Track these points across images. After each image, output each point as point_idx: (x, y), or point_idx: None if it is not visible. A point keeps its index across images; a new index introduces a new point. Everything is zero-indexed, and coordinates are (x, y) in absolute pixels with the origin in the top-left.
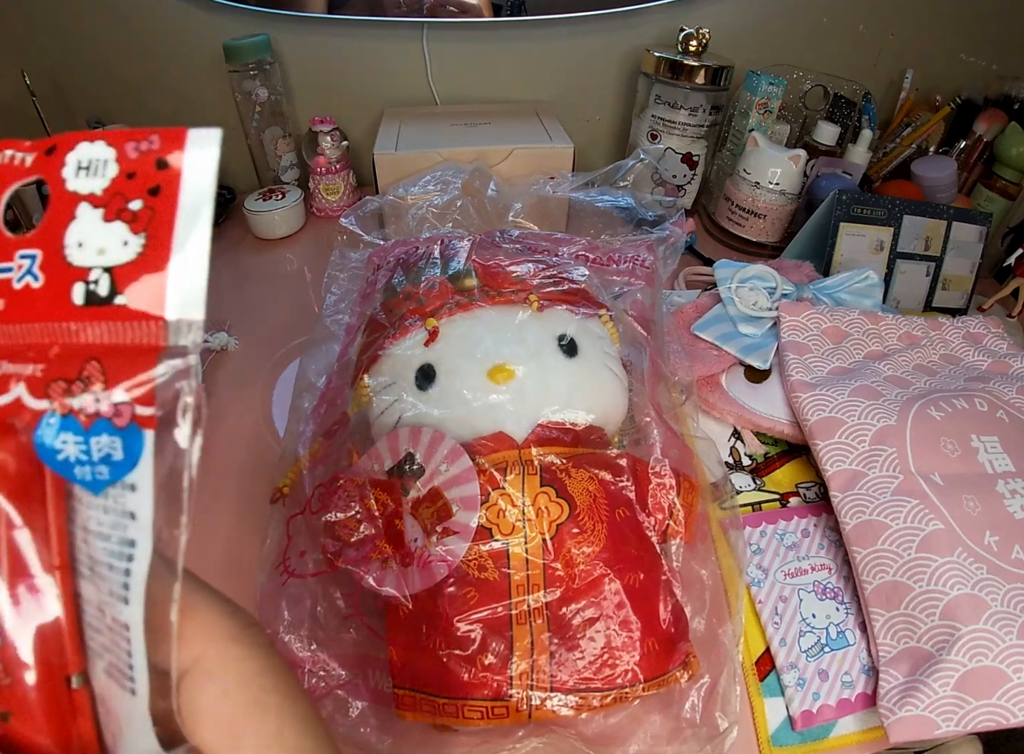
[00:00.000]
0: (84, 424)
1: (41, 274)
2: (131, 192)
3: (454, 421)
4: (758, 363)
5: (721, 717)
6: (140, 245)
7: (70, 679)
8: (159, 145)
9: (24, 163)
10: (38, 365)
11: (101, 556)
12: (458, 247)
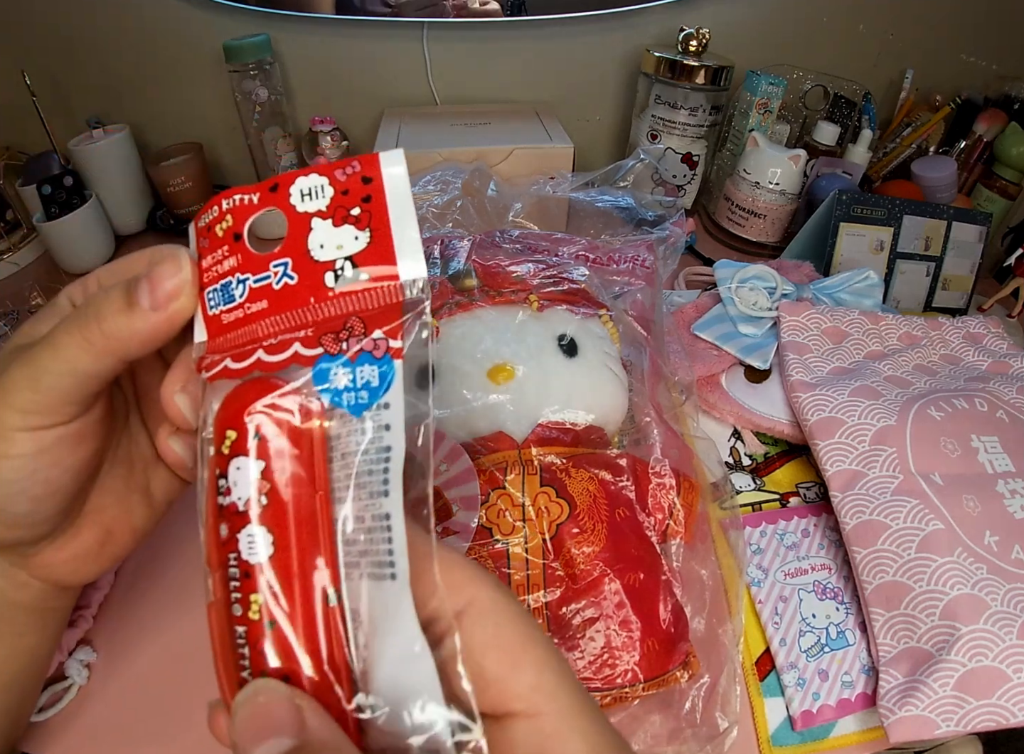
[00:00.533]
0: (351, 358)
1: (295, 274)
2: (349, 204)
3: (454, 421)
4: (758, 363)
5: (721, 717)
6: (367, 237)
7: (328, 595)
8: (361, 168)
9: (252, 201)
10: (308, 329)
11: (361, 467)
12: (458, 247)
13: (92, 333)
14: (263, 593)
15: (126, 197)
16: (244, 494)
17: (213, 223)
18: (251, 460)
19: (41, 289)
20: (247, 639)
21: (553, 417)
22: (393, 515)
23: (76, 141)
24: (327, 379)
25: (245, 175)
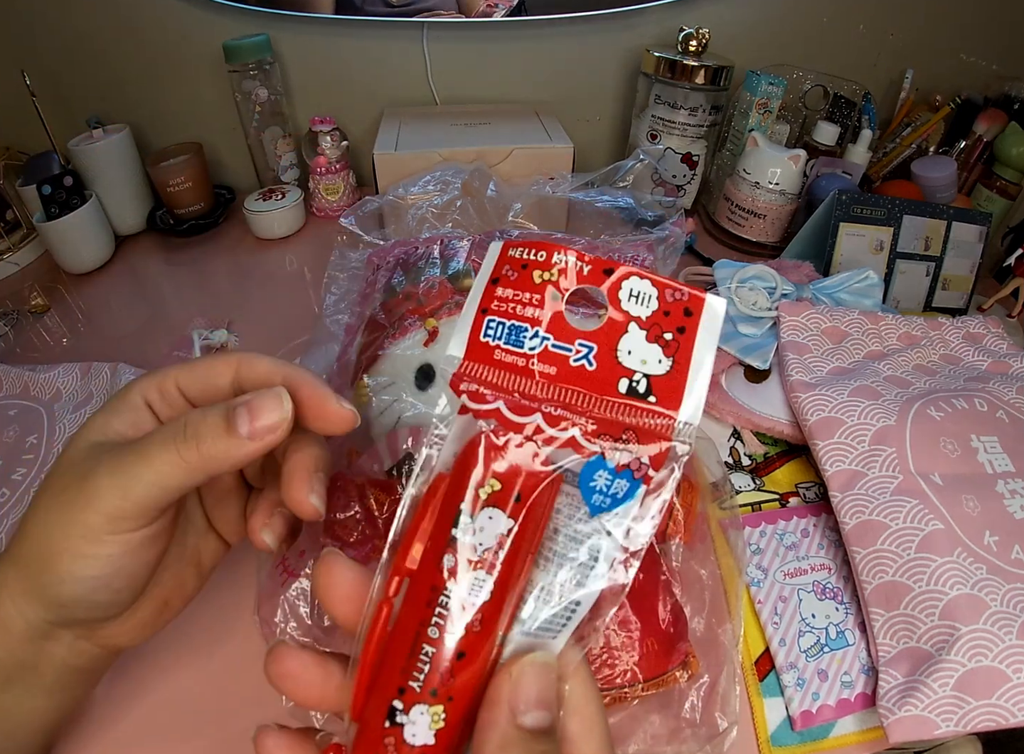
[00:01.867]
0: (618, 469)
1: (596, 362)
2: (666, 326)
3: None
4: (758, 363)
5: (720, 717)
6: (669, 365)
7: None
8: (688, 298)
9: (584, 271)
10: (589, 420)
11: (570, 553)
12: (458, 247)
13: (190, 452)
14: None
15: (126, 197)
16: (487, 543)
17: (533, 266)
18: (505, 517)
19: (41, 289)
20: (432, 659)
21: None
22: (583, 604)
23: (76, 141)
24: (591, 477)
25: (245, 175)
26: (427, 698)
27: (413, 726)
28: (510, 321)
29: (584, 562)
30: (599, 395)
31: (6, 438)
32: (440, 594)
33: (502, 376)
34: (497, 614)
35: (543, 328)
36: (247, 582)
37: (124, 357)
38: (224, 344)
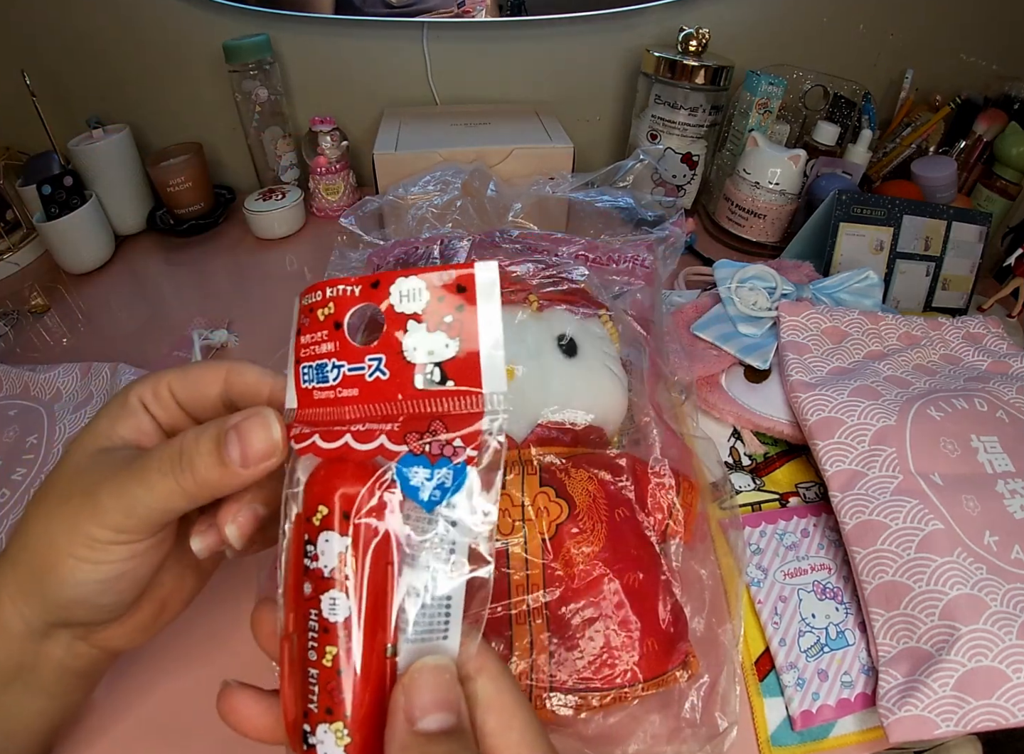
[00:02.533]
0: (431, 460)
1: (387, 370)
2: (444, 310)
3: None
4: (758, 363)
5: (721, 717)
6: (457, 346)
7: (387, 648)
8: (456, 276)
9: (354, 294)
10: (395, 423)
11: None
12: (458, 247)
13: (186, 481)
14: (339, 647)
15: (126, 197)
16: (330, 564)
17: (316, 306)
18: (337, 536)
19: (41, 289)
20: (318, 680)
21: (552, 417)
22: (454, 597)
23: (76, 141)
24: (407, 475)
25: (245, 175)
26: (324, 717)
27: (323, 746)
28: (315, 362)
29: (442, 557)
30: (402, 399)
31: (6, 438)
32: (308, 619)
33: (322, 413)
34: (369, 630)
35: (338, 358)
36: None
37: (124, 357)
38: (224, 344)
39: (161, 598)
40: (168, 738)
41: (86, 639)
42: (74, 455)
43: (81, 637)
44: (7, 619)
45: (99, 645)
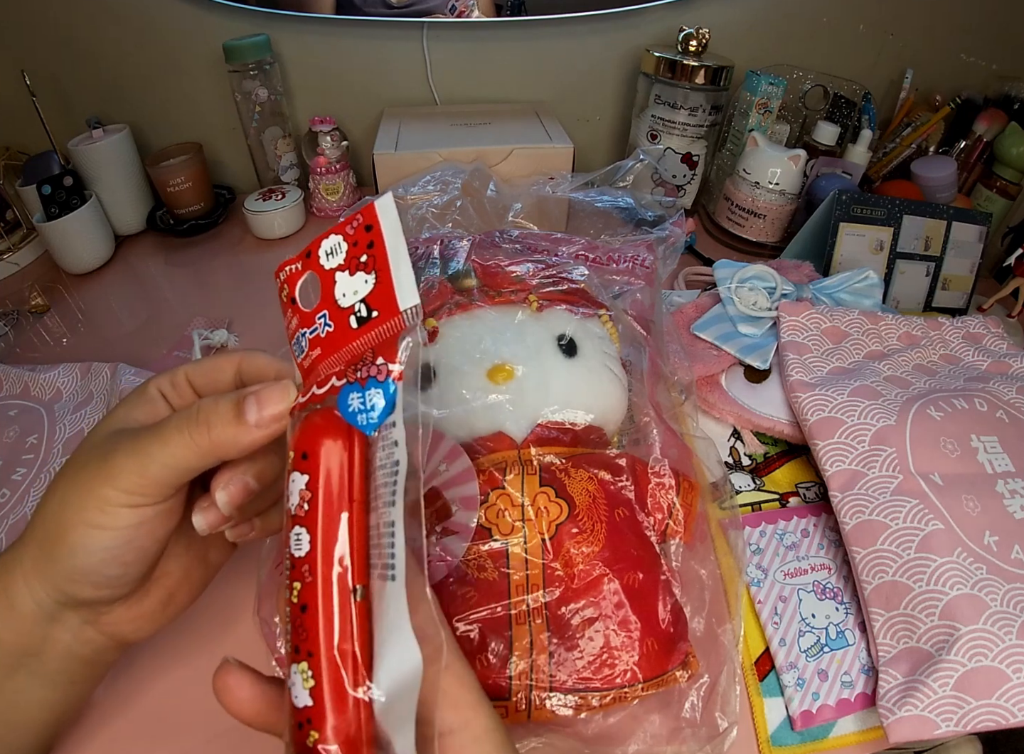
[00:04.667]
0: (361, 383)
1: (332, 322)
2: (359, 252)
3: (453, 421)
4: (758, 363)
5: (721, 717)
6: (374, 279)
7: (355, 590)
8: (363, 219)
9: (297, 269)
10: (342, 365)
11: (379, 481)
12: (458, 247)
13: (201, 437)
14: (302, 581)
15: (126, 197)
16: (294, 501)
17: (280, 292)
18: (299, 474)
19: (41, 289)
20: (291, 617)
21: (552, 417)
22: (396, 523)
23: (76, 141)
24: (347, 404)
25: (245, 175)
26: (293, 655)
27: (294, 687)
28: (293, 339)
29: (386, 482)
30: (346, 343)
31: (6, 438)
32: (284, 557)
33: (309, 380)
34: (325, 560)
35: (301, 328)
36: (247, 582)
37: (124, 357)
38: (224, 344)
39: (168, 588)
40: (167, 736)
41: (94, 624)
42: (92, 436)
43: (89, 621)
44: (19, 599)
45: (106, 631)
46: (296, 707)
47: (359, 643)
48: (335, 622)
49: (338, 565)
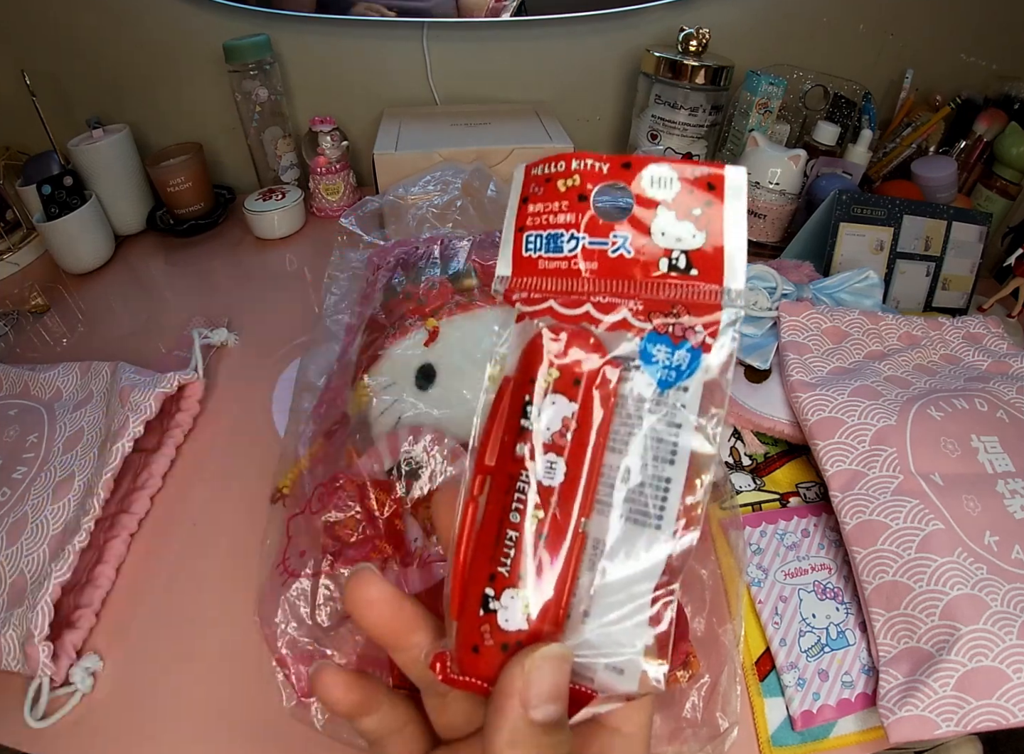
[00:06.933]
0: (674, 340)
1: (632, 248)
2: (693, 203)
3: (454, 421)
4: (758, 363)
5: (721, 717)
6: (704, 238)
7: (581, 522)
8: (708, 173)
9: (603, 171)
10: (637, 301)
11: (650, 433)
12: (458, 247)
13: None
14: (547, 512)
15: (126, 197)
16: (554, 426)
17: (556, 177)
18: (566, 401)
19: (41, 289)
20: (516, 543)
21: None
22: (674, 481)
23: (76, 141)
24: (651, 352)
25: (245, 175)
26: (515, 581)
27: (505, 611)
28: (546, 231)
29: (664, 439)
30: (643, 278)
31: (6, 438)
32: (517, 480)
33: (550, 282)
34: (573, 494)
35: (578, 230)
36: (247, 582)
37: (124, 357)
38: (224, 343)
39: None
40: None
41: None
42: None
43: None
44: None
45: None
46: (504, 630)
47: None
48: (572, 553)
49: (581, 501)
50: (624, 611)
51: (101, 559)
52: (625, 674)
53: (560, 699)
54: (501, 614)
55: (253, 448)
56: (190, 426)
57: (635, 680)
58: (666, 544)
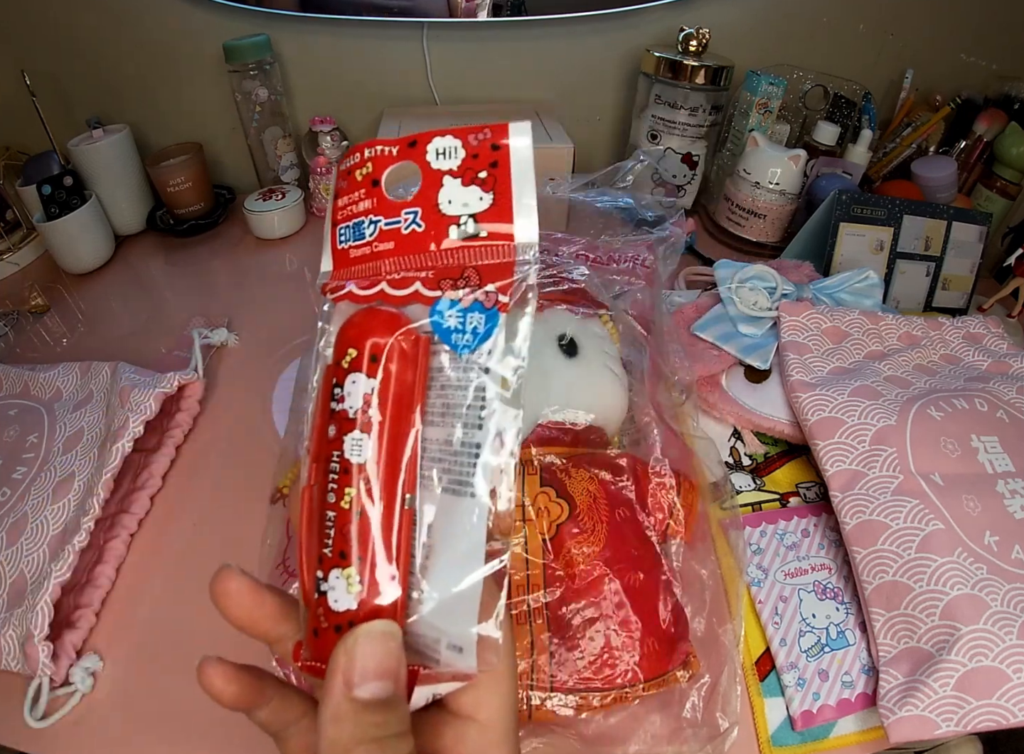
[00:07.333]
0: (464, 304)
1: (423, 223)
2: (478, 167)
3: None
4: (758, 363)
5: (721, 717)
6: (491, 199)
7: (405, 498)
8: (491, 135)
9: (392, 153)
10: (429, 271)
11: (457, 400)
12: None
13: None
14: (357, 488)
15: (126, 197)
16: (355, 405)
17: (354, 168)
18: (364, 377)
19: (41, 289)
20: (335, 522)
21: (553, 417)
22: (483, 446)
23: (76, 141)
24: (442, 319)
25: (245, 175)
26: (337, 560)
27: (334, 592)
28: (352, 221)
29: (472, 404)
30: (436, 250)
31: (6, 437)
32: (330, 461)
33: (359, 270)
34: (391, 470)
35: (374, 214)
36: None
37: (124, 357)
38: (224, 343)
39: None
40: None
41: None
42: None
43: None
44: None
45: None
46: (334, 611)
47: (406, 549)
48: (394, 528)
49: (403, 473)
50: (457, 586)
51: (101, 559)
52: (464, 652)
53: (387, 677)
54: (330, 595)
55: (253, 448)
56: (190, 426)
57: (473, 657)
58: (483, 511)
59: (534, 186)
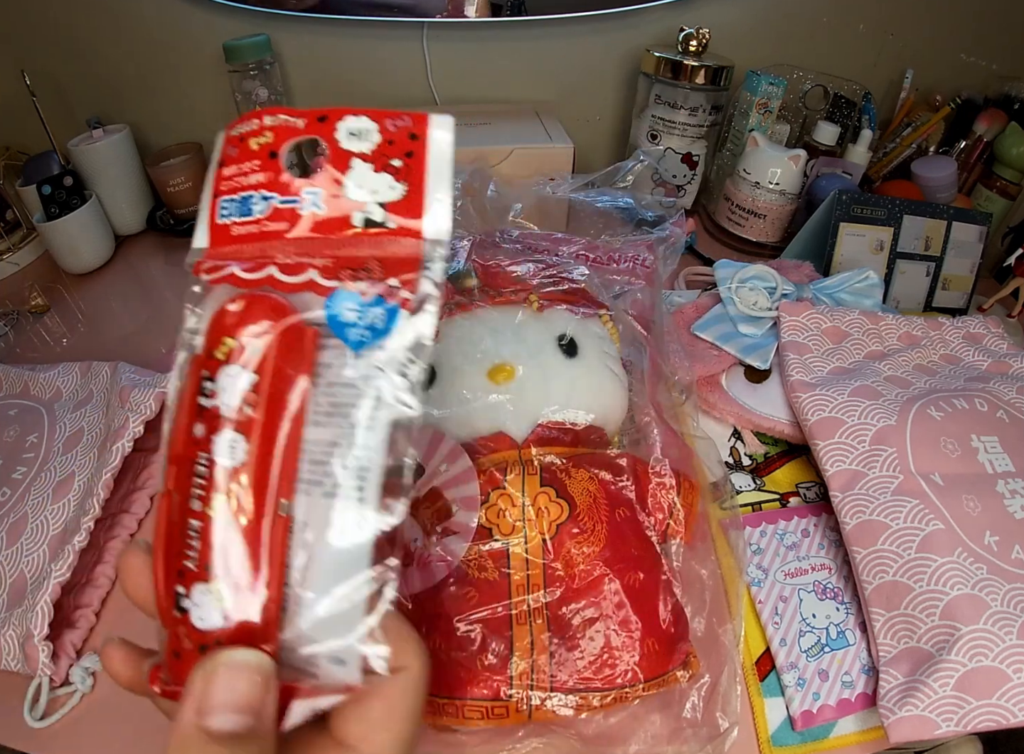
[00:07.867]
0: (365, 298)
1: (324, 205)
2: (392, 154)
3: (454, 421)
4: (758, 363)
5: (721, 717)
6: (403, 189)
7: (280, 504)
8: (411, 123)
9: (297, 126)
10: (327, 259)
11: (347, 400)
12: (458, 247)
13: None
14: (229, 495)
15: (126, 197)
16: (232, 402)
17: (248, 135)
18: (246, 372)
19: (41, 289)
20: (200, 532)
21: (553, 417)
22: (374, 450)
23: (76, 141)
24: (338, 311)
25: None
26: (202, 575)
27: (199, 609)
28: (239, 194)
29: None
30: (336, 236)
31: (6, 438)
32: (196, 463)
33: (241, 250)
34: (265, 474)
35: (267, 189)
36: None
37: (124, 357)
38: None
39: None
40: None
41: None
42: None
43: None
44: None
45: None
46: (199, 630)
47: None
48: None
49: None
50: (339, 595)
51: (101, 559)
52: (347, 664)
53: (246, 711)
54: (194, 612)
55: None
56: None
57: (356, 669)
58: (372, 518)
59: (451, 182)
